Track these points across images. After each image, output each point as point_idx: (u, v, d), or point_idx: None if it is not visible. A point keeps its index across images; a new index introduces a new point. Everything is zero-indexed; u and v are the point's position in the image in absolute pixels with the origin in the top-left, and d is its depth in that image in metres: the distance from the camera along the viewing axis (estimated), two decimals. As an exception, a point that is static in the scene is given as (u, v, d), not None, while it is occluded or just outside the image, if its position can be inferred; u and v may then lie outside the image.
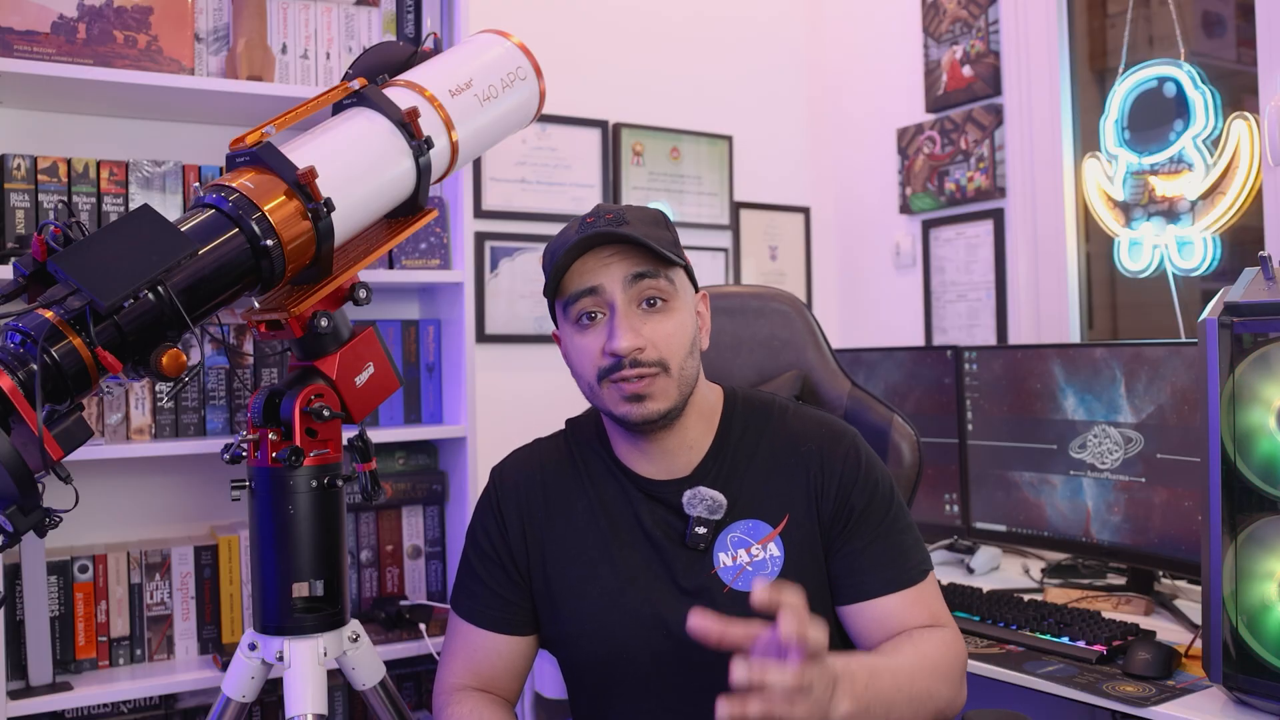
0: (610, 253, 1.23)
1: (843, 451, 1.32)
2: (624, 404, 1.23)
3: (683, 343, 1.25)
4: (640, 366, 1.22)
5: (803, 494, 1.30)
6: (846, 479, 1.30)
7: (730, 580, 1.27)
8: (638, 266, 1.23)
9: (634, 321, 1.22)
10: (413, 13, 2.19)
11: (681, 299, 1.27)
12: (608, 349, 1.22)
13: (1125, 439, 1.95)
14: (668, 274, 1.25)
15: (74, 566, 1.87)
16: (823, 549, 1.30)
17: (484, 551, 1.36)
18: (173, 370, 1.09)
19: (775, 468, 1.32)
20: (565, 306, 1.26)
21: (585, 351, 1.24)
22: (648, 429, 1.26)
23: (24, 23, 1.84)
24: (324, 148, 1.27)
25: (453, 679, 1.34)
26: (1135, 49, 2.42)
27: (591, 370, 1.24)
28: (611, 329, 1.22)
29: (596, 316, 1.24)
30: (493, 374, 2.56)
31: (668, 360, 1.23)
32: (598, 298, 1.23)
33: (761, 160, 3.05)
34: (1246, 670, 1.36)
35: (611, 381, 1.23)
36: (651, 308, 1.24)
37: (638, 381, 1.22)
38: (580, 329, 1.25)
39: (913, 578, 1.28)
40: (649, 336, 1.23)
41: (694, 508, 1.28)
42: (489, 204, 2.61)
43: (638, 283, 1.23)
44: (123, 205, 1.94)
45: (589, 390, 1.27)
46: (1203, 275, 2.26)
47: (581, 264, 1.23)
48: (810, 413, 1.39)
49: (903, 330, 2.96)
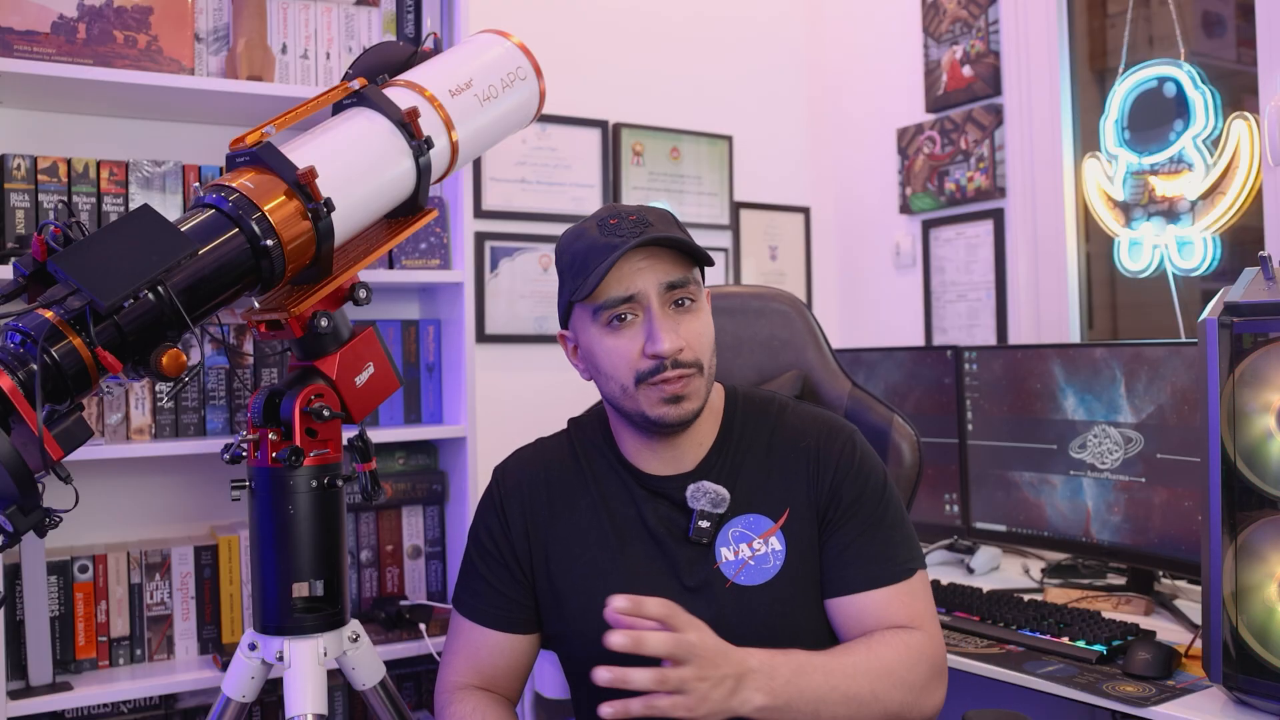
0: (643, 256, 1.23)
1: (839, 445, 1.33)
2: (662, 405, 1.23)
3: (710, 342, 1.28)
4: (681, 367, 1.23)
5: (802, 488, 1.31)
6: (840, 471, 1.31)
7: (732, 575, 1.28)
8: (673, 273, 1.24)
9: (672, 323, 1.23)
10: (413, 13, 2.19)
11: (704, 299, 1.29)
12: (651, 351, 1.22)
13: (1125, 439, 1.95)
14: (693, 275, 1.27)
15: (74, 566, 1.87)
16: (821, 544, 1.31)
17: (486, 550, 1.36)
18: (173, 370, 1.09)
19: (776, 463, 1.33)
20: (596, 310, 1.25)
21: (620, 354, 1.24)
22: (681, 429, 1.27)
23: (24, 23, 1.84)
24: (324, 148, 1.27)
25: (455, 678, 1.34)
26: (1135, 49, 2.42)
27: (628, 372, 1.24)
28: (652, 331, 1.22)
29: (627, 318, 1.24)
30: (493, 374, 2.56)
31: (701, 359, 1.25)
32: (633, 303, 1.23)
33: (761, 160, 3.05)
34: (1246, 670, 1.36)
35: (650, 384, 1.23)
36: (680, 308, 1.25)
37: (678, 383, 1.22)
38: (612, 331, 1.24)
39: (896, 575, 1.28)
40: (685, 337, 1.24)
41: (697, 501, 1.28)
42: (489, 204, 2.61)
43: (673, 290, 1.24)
44: (123, 205, 1.94)
45: (621, 392, 1.26)
46: (1203, 275, 2.26)
47: (616, 269, 1.22)
48: (810, 409, 1.40)
49: (903, 330, 2.96)
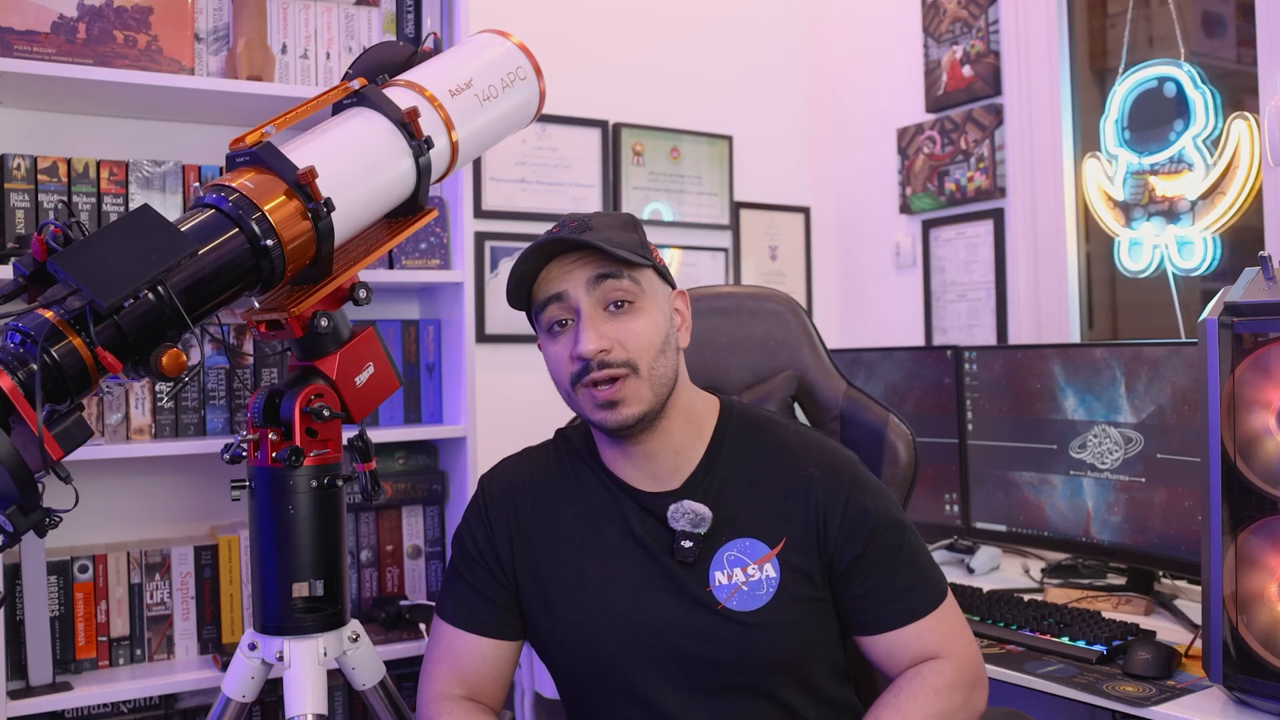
0: (573, 260, 1.24)
1: (847, 478, 1.30)
2: (598, 410, 1.23)
3: (652, 341, 1.24)
4: (608, 368, 1.21)
5: (802, 519, 1.28)
6: (852, 508, 1.28)
7: (724, 599, 1.26)
8: (599, 269, 1.23)
9: (598, 324, 1.22)
10: (413, 13, 2.19)
11: (651, 299, 1.26)
12: (573, 352, 1.22)
13: (1125, 439, 1.95)
14: (633, 275, 1.24)
15: (74, 566, 1.87)
16: (826, 580, 1.29)
17: (470, 556, 1.35)
18: (173, 370, 1.09)
19: (775, 488, 1.30)
20: (537, 315, 1.27)
21: (558, 359, 1.25)
22: (626, 434, 1.26)
23: (24, 23, 1.84)
24: (324, 148, 1.27)
25: (439, 686, 1.31)
26: (1135, 49, 2.42)
27: (565, 376, 1.25)
28: (576, 333, 1.22)
29: (566, 324, 1.24)
30: (493, 374, 2.56)
31: (636, 360, 1.22)
32: (564, 304, 1.23)
33: (761, 160, 3.05)
34: (1246, 670, 1.36)
35: (584, 387, 1.23)
36: (619, 309, 1.24)
37: (609, 387, 1.22)
38: (552, 337, 1.26)
39: (926, 607, 1.28)
40: (615, 337, 1.22)
41: (677, 521, 1.27)
42: (489, 204, 2.61)
43: (600, 284, 1.23)
44: (123, 205, 1.94)
45: (566, 397, 1.28)
46: (1203, 275, 2.26)
47: (547, 272, 1.24)
48: (811, 435, 1.38)
49: (903, 330, 2.96)
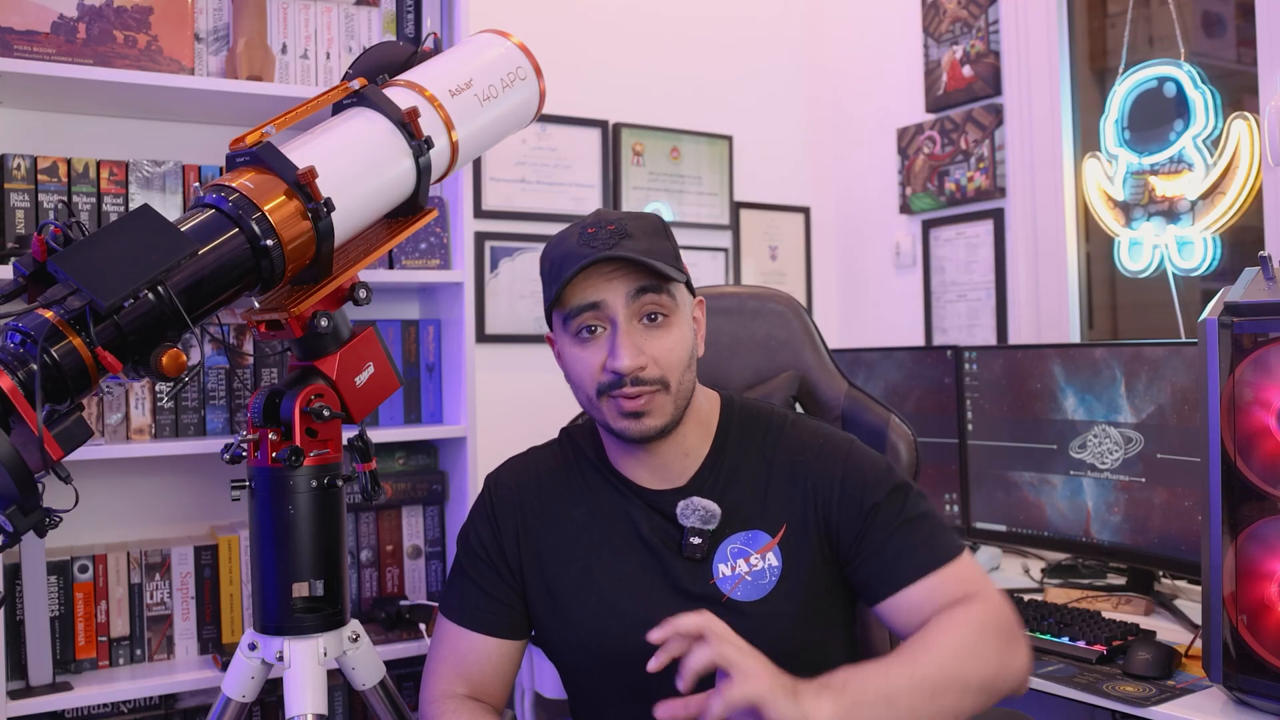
0: (613, 268, 1.22)
1: (840, 457, 1.30)
2: (623, 420, 1.23)
3: (682, 358, 1.25)
4: (641, 384, 1.22)
5: (800, 503, 1.29)
6: (849, 485, 1.28)
7: (729, 590, 1.26)
8: (640, 281, 1.22)
9: (636, 339, 1.22)
10: (413, 13, 2.19)
11: (681, 312, 1.27)
12: (610, 367, 1.21)
13: (1125, 439, 1.95)
14: (669, 288, 1.25)
15: (74, 566, 1.87)
16: (834, 562, 1.29)
17: (476, 554, 1.35)
18: (173, 370, 1.09)
19: (773, 478, 1.31)
20: (565, 319, 1.25)
21: (585, 365, 1.24)
22: (646, 443, 1.26)
23: (24, 23, 1.84)
24: (324, 148, 1.26)
25: (442, 685, 1.31)
26: (1135, 49, 2.42)
27: (591, 384, 1.24)
28: (614, 347, 1.21)
29: (596, 330, 1.23)
30: (493, 374, 2.55)
31: (668, 377, 1.23)
32: (600, 313, 1.23)
33: (761, 160, 3.05)
34: (1246, 670, 1.36)
35: (611, 397, 1.23)
36: (652, 323, 1.24)
37: (637, 399, 1.22)
38: (580, 342, 1.25)
39: (939, 559, 1.23)
40: (650, 353, 1.22)
41: (688, 518, 1.27)
42: (489, 204, 2.61)
43: (640, 298, 1.22)
44: (123, 205, 1.94)
45: (587, 402, 1.27)
46: (1203, 275, 2.26)
47: (584, 277, 1.22)
48: (808, 423, 1.38)
49: (903, 330, 2.96)
